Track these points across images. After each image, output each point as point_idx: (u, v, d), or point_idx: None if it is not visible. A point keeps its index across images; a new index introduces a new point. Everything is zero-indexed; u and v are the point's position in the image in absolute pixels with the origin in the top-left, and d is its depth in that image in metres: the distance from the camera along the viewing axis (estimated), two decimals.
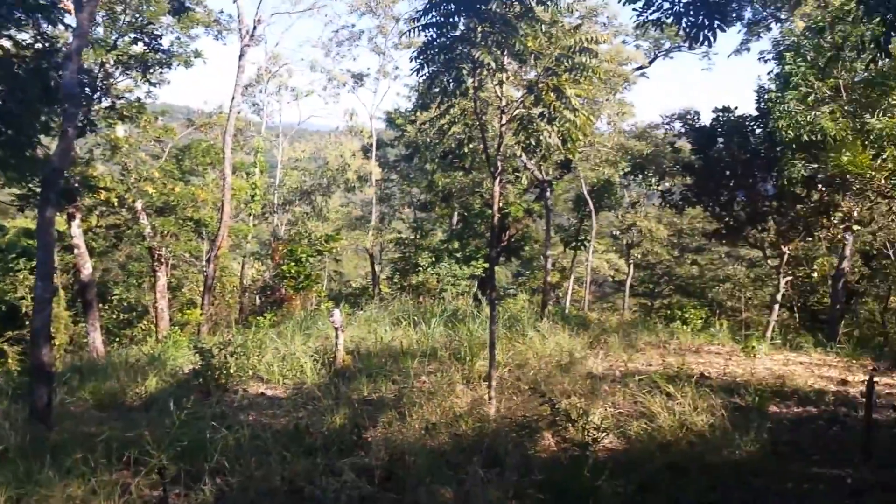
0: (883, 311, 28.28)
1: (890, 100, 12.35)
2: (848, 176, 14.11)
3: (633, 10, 8.09)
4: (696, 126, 21.63)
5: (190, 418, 8.63)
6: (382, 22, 35.87)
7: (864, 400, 9.58)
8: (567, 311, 26.24)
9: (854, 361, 15.52)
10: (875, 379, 10.13)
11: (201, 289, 28.68)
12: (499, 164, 11.47)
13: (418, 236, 32.98)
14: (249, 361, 13.02)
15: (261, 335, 15.01)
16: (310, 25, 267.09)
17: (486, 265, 27.27)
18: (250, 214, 36.00)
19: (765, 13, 26.19)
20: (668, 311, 27.02)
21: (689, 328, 18.99)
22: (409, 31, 10.76)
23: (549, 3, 10.08)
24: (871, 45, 6.21)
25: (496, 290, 18.35)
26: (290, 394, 11.79)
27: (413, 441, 8.93)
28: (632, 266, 35.27)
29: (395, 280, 31.15)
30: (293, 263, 26.87)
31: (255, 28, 28.06)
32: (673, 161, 24.97)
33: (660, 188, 25.73)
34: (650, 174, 26.30)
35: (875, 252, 28.43)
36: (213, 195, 28.72)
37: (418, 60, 10.46)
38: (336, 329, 13.08)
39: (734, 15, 23.81)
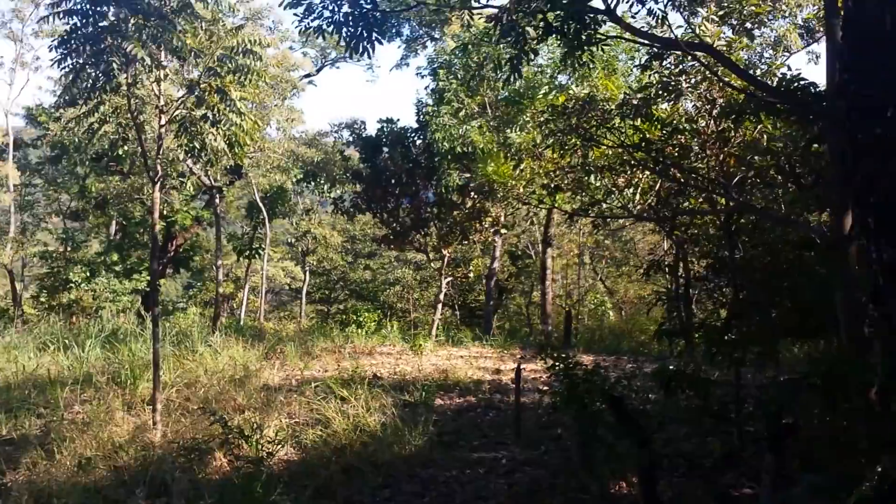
0: (527, 305, 32.11)
1: (524, 117, 14.02)
2: (494, 184, 15.72)
3: (294, 14, 8.05)
4: (363, 136, 22.45)
5: None
6: (19, 5, 31.40)
7: (514, 386, 10.67)
8: (242, 322, 25.47)
9: (505, 351, 17.32)
10: (522, 366, 11.35)
11: None
12: (158, 168, 10.75)
13: (69, 249, 29.44)
14: None
15: None
16: None
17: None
18: None
19: (421, 31, 28.16)
20: (344, 316, 27.66)
21: (363, 331, 19.60)
22: (50, 16, 9.60)
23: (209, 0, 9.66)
24: (507, 66, 6.92)
25: (161, 305, 17.05)
26: None
27: (64, 480, 7.92)
28: (308, 273, 35.44)
29: (43, 299, 27.46)
30: None
31: None
32: (343, 169, 25.62)
33: (332, 195, 26.25)
34: (322, 181, 26.75)
35: (520, 253, 32.22)
36: None
37: (60, 50, 9.46)
38: None
39: (394, 30, 25.23)
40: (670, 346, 13.42)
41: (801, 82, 7.65)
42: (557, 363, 8.58)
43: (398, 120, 21.47)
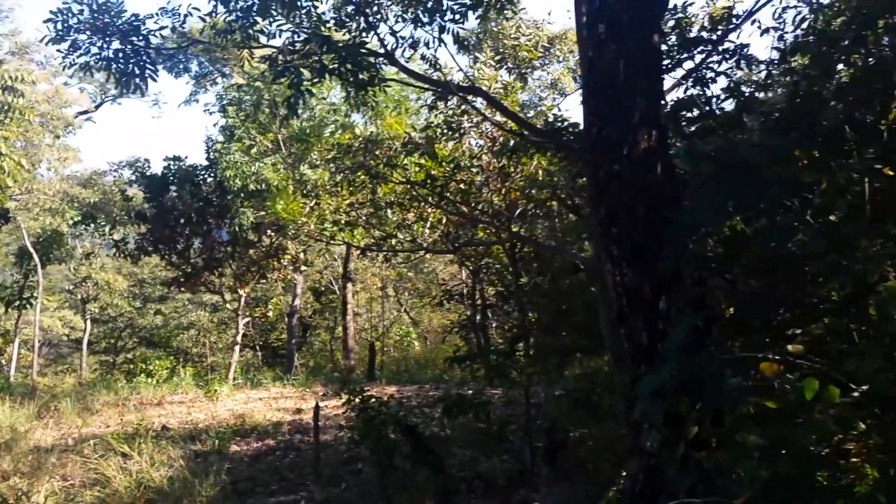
0: (331, 340, 31.83)
1: (312, 155, 14.04)
2: (286, 222, 15.56)
3: (59, 51, 7.54)
4: (148, 174, 21.17)
5: None
6: None
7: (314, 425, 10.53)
8: (11, 379, 22.89)
9: (308, 390, 17.04)
10: (324, 403, 11.26)
11: None
12: None
13: None
14: None
15: None
16: None
17: None
18: None
19: (211, 67, 27.30)
20: (132, 366, 25.77)
21: (153, 380, 18.40)
22: None
23: None
24: (284, 106, 6.93)
25: None
26: None
27: None
28: (89, 322, 32.56)
29: None
30: None
31: None
32: (125, 209, 23.99)
33: (114, 237, 24.46)
34: (102, 223, 24.84)
35: (324, 289, 31.92)
36: None
37: None
38: None
39: (181, 66, 24.32)
40: (471, 372, 13.86)
41: (564, 123, 8.40)
42: (353, 397, 8.67)
43: (186, 157, 20.51)
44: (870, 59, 5.12)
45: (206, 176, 20.16)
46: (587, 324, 10.35)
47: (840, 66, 5.90)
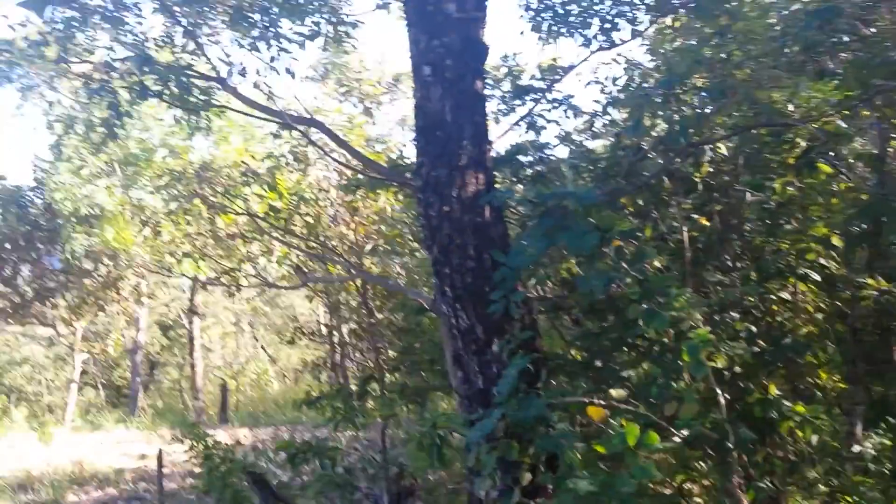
0: (181, 378, 30.04)
1: (143, 179, 13.21)
2: (120, 251, 14.54)
3: None
4: None
5: None
6: None
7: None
8: None
9: (154, 433, 15.94)
10: (171, 448, 10.56)
11: None
12: None
13: None
14: None
15: None
16: None
17: None
18: None
19: (37, 80, 25.11)
20: None
21: None
22: None
23: None
24: (104, 126, 6.39)
25: None
26: None
27: None
28: None
29: None
30: None
31: None
32: None
33: None
34: None
35: (171, 323, 30.12)
36: None
37: None
38: None
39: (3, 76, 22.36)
40: (325, 413, 13.43)
41: (405, 161, 8.37)
42: (196, 443, 8.17)
43: (3, 178, 18.71)
44: (676, 116, 5.37)
45: (32, 197, 18.58)
46: (438, 363, 10.26)
47: (657, 121, 6.16)
